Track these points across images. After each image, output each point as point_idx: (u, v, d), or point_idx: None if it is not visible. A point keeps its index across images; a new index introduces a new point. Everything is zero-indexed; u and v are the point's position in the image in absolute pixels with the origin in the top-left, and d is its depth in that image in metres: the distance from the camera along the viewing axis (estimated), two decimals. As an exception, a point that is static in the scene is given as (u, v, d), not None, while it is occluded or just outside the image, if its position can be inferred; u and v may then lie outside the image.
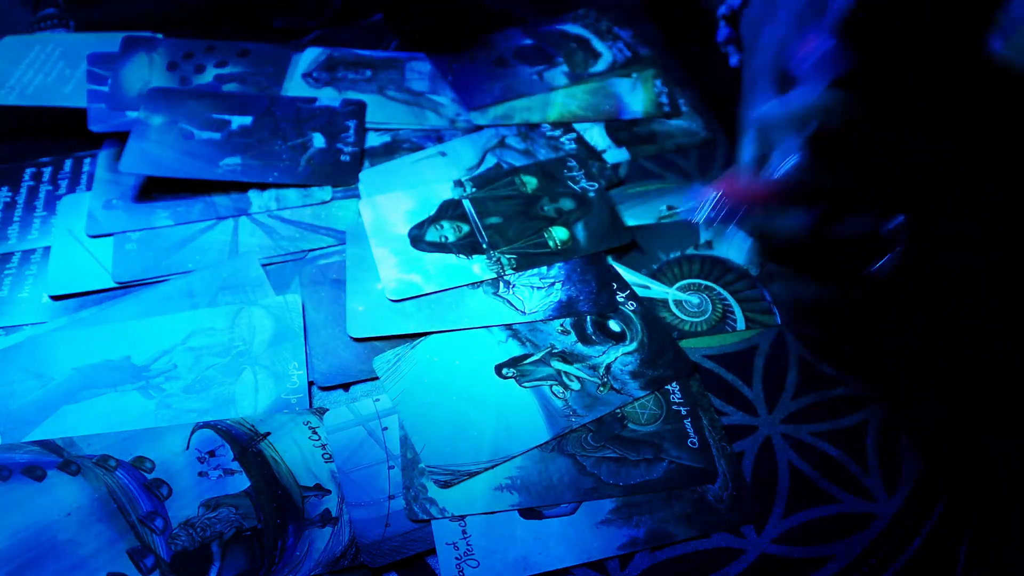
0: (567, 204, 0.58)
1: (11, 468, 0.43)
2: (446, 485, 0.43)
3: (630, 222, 0.58)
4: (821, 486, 0.45)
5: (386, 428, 0.46)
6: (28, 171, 0.61)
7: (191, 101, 0.64)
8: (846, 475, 0.45)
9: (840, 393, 0.49)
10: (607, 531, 0.42)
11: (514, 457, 0.45)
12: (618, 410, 0.46)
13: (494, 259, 0.54)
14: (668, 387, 0.48)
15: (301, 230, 0.57)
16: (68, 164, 0.61)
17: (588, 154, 0.63)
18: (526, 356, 0.49)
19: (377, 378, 0.48)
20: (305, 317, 0.51)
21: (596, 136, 0.64)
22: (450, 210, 0.57)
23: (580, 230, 0.56)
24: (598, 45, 0.72)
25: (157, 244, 0.55)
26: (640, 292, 0.53)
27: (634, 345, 0.50)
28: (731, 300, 0.53)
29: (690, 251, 0.56)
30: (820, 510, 0.44)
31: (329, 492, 0.43)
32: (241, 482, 0.43)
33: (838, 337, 0.51)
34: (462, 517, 0.42)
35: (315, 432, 0.45)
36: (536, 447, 0.45)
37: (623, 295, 0.53)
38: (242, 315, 0.51)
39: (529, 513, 0.43)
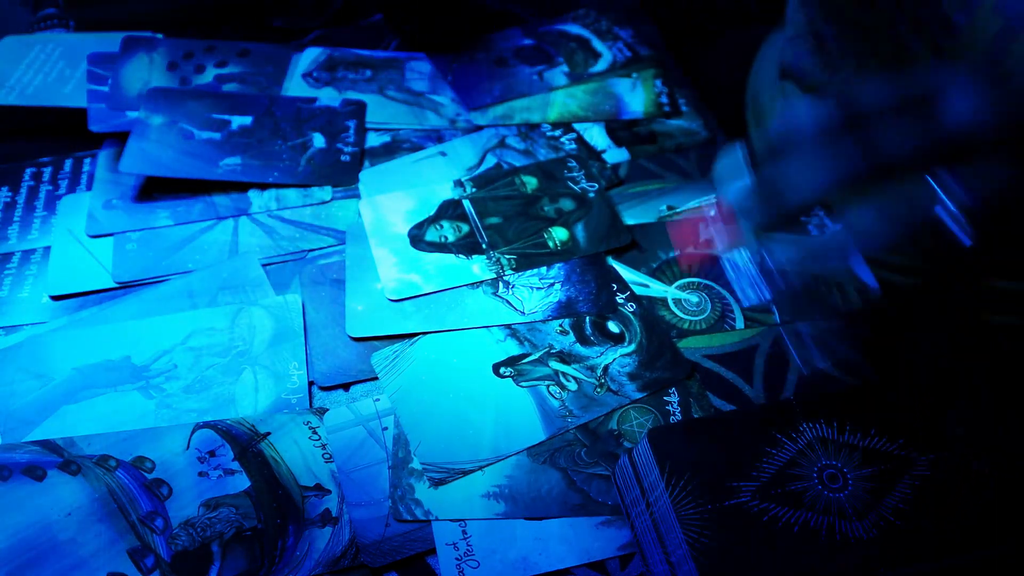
0: (567, 204, 0.58)
1: (11, 468, 0.43)
2: (441, 483, 0.43)
3: (630, 222, 0.58)
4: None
5: (386, 428, 0.46)
6: (28, 171, 0.61)
7: (191, 101, 0.64)
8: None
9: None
10: (607, 531, 0.42)
11: (509, 456, 0.45)
12: (615, 427, 0.46)
13: (494, 259, 0.54)
14: (666, 396, 0.48)
15: (301, 230, 0.57)
16: (68, 164, 0.61)
17: (588, 154, 0.63)
18: (524, 356, 0.49)
19: (377, 378, 0.48)
20: (305, 317, 0.51)
21: (596, 136, 0.64)
22: (450, 210, 0.57)
23: (580, 230, 0.56)
24: (598, 45, 0.72)
25: (157, 244, 0.55)
26: (639, 290, 0.53)
27: (633, 347, 0.50)
28: (730, 299, 0.53)
29: (689, 250, 0.56)
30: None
31: (329, 492, 0.43)
32: (241, 482, 0.43)
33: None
34: (462, 520, 0.42)
35: (315, 432, 0.46)
36: (528, 457, 0.45)
37: (623, 296, 0.53)
38: (242, 315, 0.51)
39: (529, 513, 0.43)
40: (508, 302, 0.52)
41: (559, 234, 0.56)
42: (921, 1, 0.51)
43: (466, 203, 0.58)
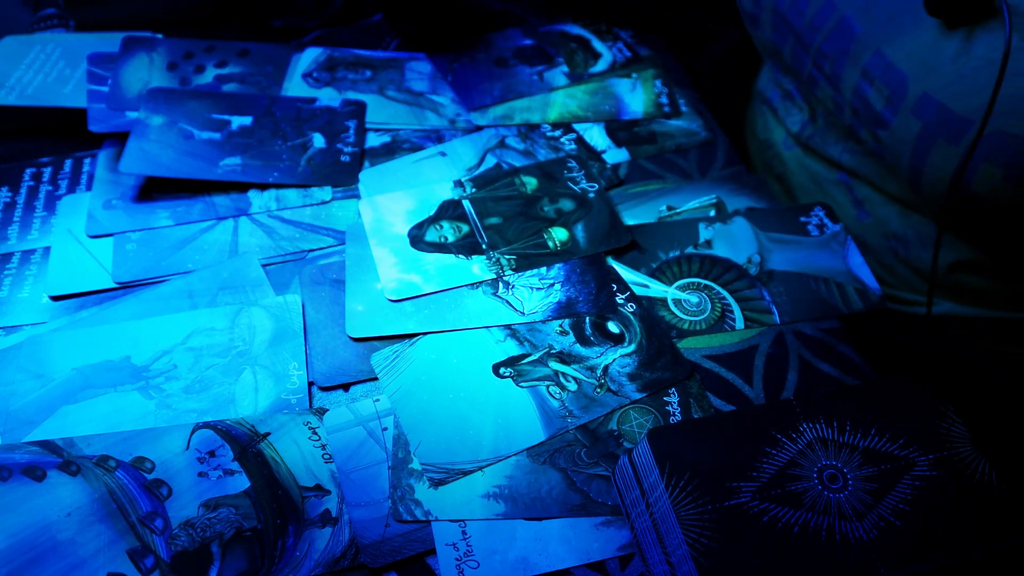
0: (567, 205, 0.58)
1: (11, 468, 0.43)
2: (441, 483, 0.43)
3: (630, 222, 0.58)
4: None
5: (386, 428, 0.46)
6: (28, 171, 0.61)
7: (191, 101, 0.64)
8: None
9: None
10: (607, 532, 0.42)
11: (509, 457, 0.45)
12: (615, 428, 0.46)
13: (494, 259, 0.54)
14: (665, 397, 0.48)
15: (301, 230, 0.57)
16: (68, 164, 0.61)
17: (588, 154, 0.63)
18: (524, 356, 0.49)
19: (377, 378, 0.48)
20: (305, 317, 0.51)
21: (596, 136, 0.64)
22: (450, 210, 0.57)
23: (580, 231, 0.56)
24: (598, 45, 0.72)
25: (157, 244, 0.55)
26: (639, 291, 0.53)
27: (632, 347, 0.50)
28: (730, 299, 0.53)
29: (689, 250, 0.56)
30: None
31: (329, 492, 0.43)
32: (241, 482, 0.43)
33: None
34: (462, 520, 0.42)
35: (315, 432, 0.46)
36: (528, 457, 0.45)
37: (623, 296, 0.53)
38: (242, 315, 0.51)
39: (528, 513, 0.43)
40: (508, 302, 0.52)
41: (559, 234, 0.56)
42: (854, 92, 0.54)
43: (466, 203, 0.58)
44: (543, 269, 0.54)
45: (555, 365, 0.49)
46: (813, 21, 0.56)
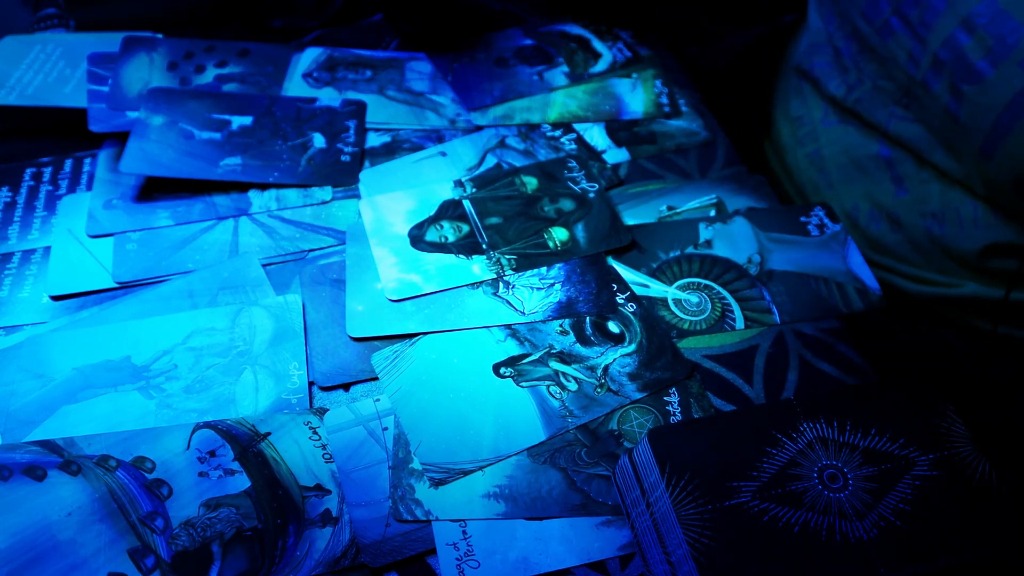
0: (567, 205, 0.58)
1: (11, 468, 0.43)
2: (441, 483, 0.44)
3: (630, 222, 0.58)
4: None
5: (386, 428, 0.46)
6: (28, 171, 0.61)
7: (191, 101, 0.64)
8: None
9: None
10: (607, 532, 0.42)
11: (510, 456, 0.45)
12: (615, 428, 0.46)
13: (494, 259, 0.54)
14: (666, 397, 0.48)
15: (301, 230, 0.57)
16: (68, 164, 0.61)
17: (588, 154, 0.63)
18: (524, 356, 0.49)
19: (377, 378, 0.48)
20: (305, 317, 0.51)
21: (596, 136, 0.64)
22: (450, 210, 0.57)
23: (580, 231, 0.56)
24: (598, 45, 0.72)
25: (157, 244, 0.55)
26: (639, 291, 0.53)
27: (633, 347, 0.50)
28: (730, 299, 0.53)
29: (689, 250, 0.56)
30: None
31: (330, 492, 0.43)
32: (242, 482, 0.43)
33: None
34: (462, 520, 0.42)
35: (315, 432, 0.46)
36: (529, 457, 0.45)
37: (623, 296, 0.53)
38: (242, 315, 0.51)
39: (529, 513, 0.43)
40: (508, 302, 0.52)
41: (559, 234, 0.56)
42: (945, 43, 0.52)
43: (466, 203, 0.58)
44: (543, 269, 0.54)
45: (555, 365, 0.49)
46: None
